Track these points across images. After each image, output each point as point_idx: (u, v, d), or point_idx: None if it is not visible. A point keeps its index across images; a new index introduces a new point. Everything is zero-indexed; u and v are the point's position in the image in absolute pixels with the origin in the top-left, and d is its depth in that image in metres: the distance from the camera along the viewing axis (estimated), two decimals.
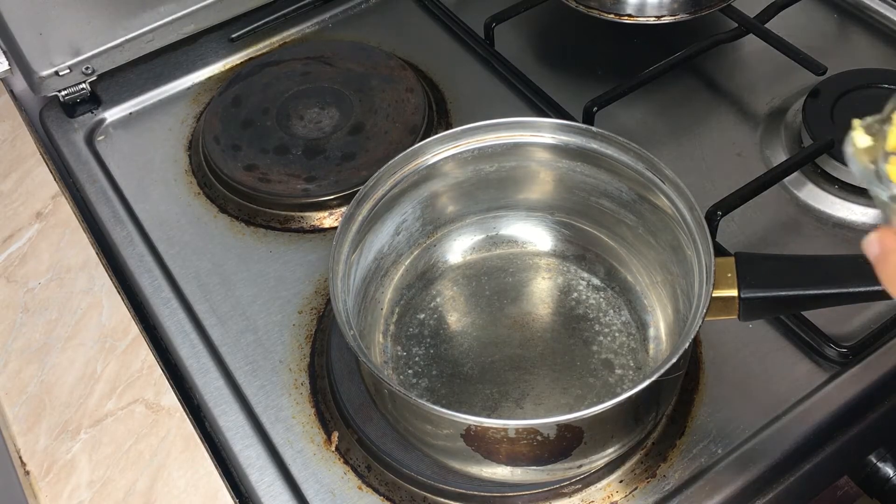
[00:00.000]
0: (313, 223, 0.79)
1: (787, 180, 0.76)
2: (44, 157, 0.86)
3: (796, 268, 0.57)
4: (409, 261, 0.70)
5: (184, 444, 0.65)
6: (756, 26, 0.84)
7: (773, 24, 0.85)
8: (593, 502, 0.61)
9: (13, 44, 0.86)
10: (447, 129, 0.72)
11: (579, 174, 0.67)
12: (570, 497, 0.62)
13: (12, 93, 0.93)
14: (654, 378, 0.53)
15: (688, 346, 0.54)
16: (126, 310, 0.73)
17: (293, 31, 0.96)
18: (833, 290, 0.55)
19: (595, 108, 0.79)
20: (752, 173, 0.74)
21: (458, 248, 0.72)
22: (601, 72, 0.88)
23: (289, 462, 0.65)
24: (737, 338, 0.68)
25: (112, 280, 0.75)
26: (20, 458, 0.65)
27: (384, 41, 0.93)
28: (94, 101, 0.89)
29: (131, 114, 0.90)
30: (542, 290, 0.70)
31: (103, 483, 0.64)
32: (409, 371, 0.66)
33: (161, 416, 0.67)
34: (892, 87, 0.79)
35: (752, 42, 0.85)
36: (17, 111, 0.90)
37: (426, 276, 0.71)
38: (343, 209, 0.78)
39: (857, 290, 0.54)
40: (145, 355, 0.70)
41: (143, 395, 0.68)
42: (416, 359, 0.67)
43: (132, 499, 0.63)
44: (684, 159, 0.80)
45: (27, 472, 0.65)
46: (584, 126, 0.65)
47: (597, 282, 0.70)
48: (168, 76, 0.92)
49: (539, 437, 0.53)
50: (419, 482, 0.62)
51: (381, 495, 0.63)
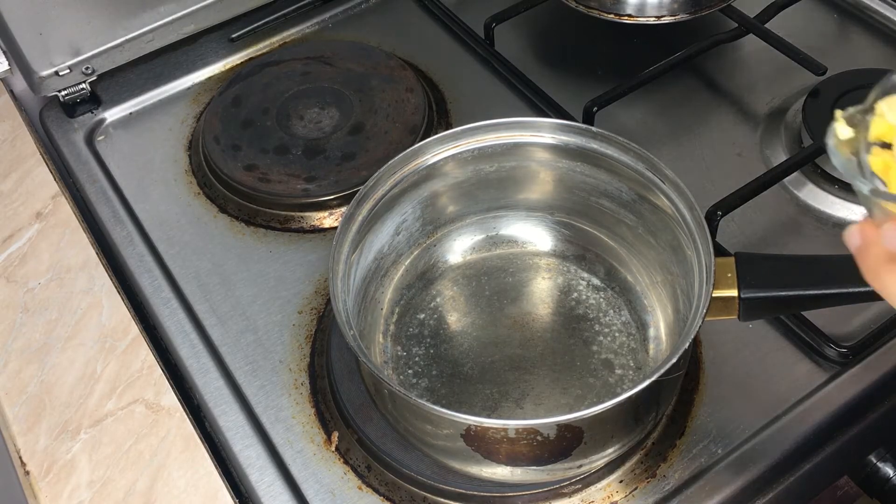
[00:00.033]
0: (313, 223, 0.79)
1: (787, 180, 0.76)
2: (44, 157, 0.86)
3: (796, 268, 0.57)
4: (409, 261, 0.70)
5: (184, 444, 0.65)
6: (756, 26, 0.84)
7: (773, 24, 0.85)
8: (593, 502, 0.61)
9: (13, 44, 0.86)
10: (447, 129, 0.72)
11: (579, 174, 0.67)
12: (570, 497, 0.62)
13: (12, 93, 0.93)
14: (654, 378, 0.53)
15: (688, 346, 0.54)
16: (126, 310, 0.73)
17: (293, 31, 0.96)
18: (833, 290, 0.55)
19: (595, 108, 0.79)
20: (752, 173, 0.74)
21: (458, 248, 0.72)
22: (601, 72, 0.88)
23: (289, 462, 0.65)
24: (737, 338, 0.68)
25: (112, 280, 0.75)
26: (20, 458, 0.65)
27: (384, 41, 0.93)
28: (94, 101, 0.89)
29: (131, 114, 0.90)
30: (542, 290, 0.70)
31: (103, 483, 0.64)
32: (409, 371, 0.66)
33: (161, 416, 0.67)
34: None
35: (752, 42, 0.85)
36: (17, 111, 0.90)
37: (426, 276, 0.71)
38: (343, 209, 0.78)
39: (857, 290, 0.54)
40: (145, 355, 0.70)
41: (143, 395, 0.68)
42: (416, 359, 0.67)
43: (132, 499, 0.63)
44: (684, 159, 0.80)
45: (27, 472, 0.65)
46: (584, 126, 0.65)
47: (597, 282, 0.70)
48: (168, 76, 0.92)
49: (539, 437, 0.53)
50: (419, 482, 0.62)
51: (381, 495, 0.63)
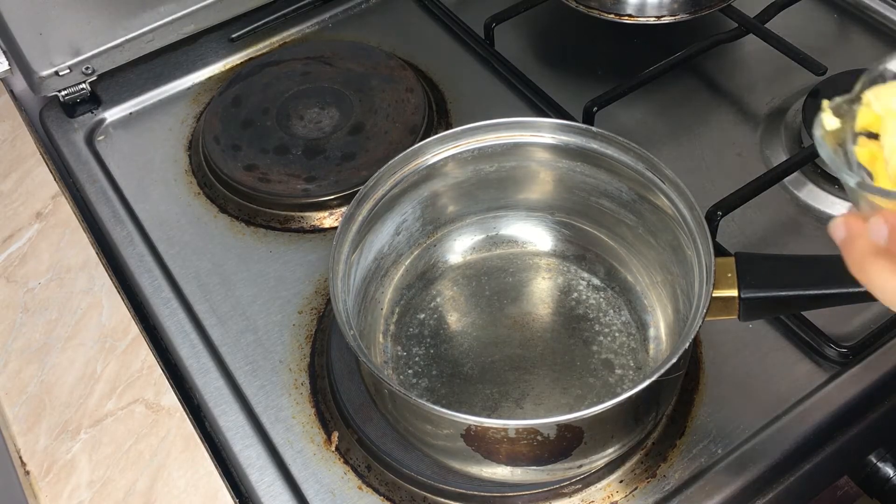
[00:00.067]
0: (313, 223, 0.79)
1: (787, 180, 0.76)
2: (44, 157, 0.86)
3: (796, 268, 0.57)
4: (409, 261, 0.70)
5: (184, 444, 0.65)
6: (756, 26, 0.84)
7: (773, 24, 0.85)
8: (593, 502, 0.61)
9: (13, 44, 0.86)
10: (447, 129, 0.72)
11: (579, 174, 0.67)
12: (570, 497, 0.62)
13: (12, 93, 0.93)
14: (654, 378, 0.53)
15: (688, 346, 0.54)
16: (126, 310, 0.73)
17: (293, 31, 0.96)
18: (833, 290, 0.55)
19: (595, 108, 0.79)
20: (752, 173, 0.74)
21: (458, 248, 0.72)
22: (601, 72, 0.88)
23: (289, 462, 0.65)
24: (737, 338, 0.68)
25: (112, 280, 0.75)
26: (20, 458, 0.65)
27: (384, 41, 0.93)
28: (94, 101, 0.89)
29: (131, 114, 0.90)
30: (542, 290, 0.70)
31: (103, 483, 0.64)
32: (409, 371, 0.66)
33: (161, 416, 0.67)
34: None
35: (752, 42, 0.85)
36: (17, 111, 0.90)
37: (426, 276, 0.71)
38: (343, 209, 0.78)
39: (857, 290, 0.54)
40: (145, 355, 0.70)
41: (143, 395, 0.68)
42: (416, 359, 0.67)
43: (132, 499, 0.63)
44: (684, 159, 0.80)
45: (27, 472, 0.65)
46: (584, 126, 0.65)
47: (597, 282, 0.70)
48: (168, 76, 0.92)
49: (539, 437, 0.53)
50: (419, 482, 0.62)
51: (381, 495, 0.63)
